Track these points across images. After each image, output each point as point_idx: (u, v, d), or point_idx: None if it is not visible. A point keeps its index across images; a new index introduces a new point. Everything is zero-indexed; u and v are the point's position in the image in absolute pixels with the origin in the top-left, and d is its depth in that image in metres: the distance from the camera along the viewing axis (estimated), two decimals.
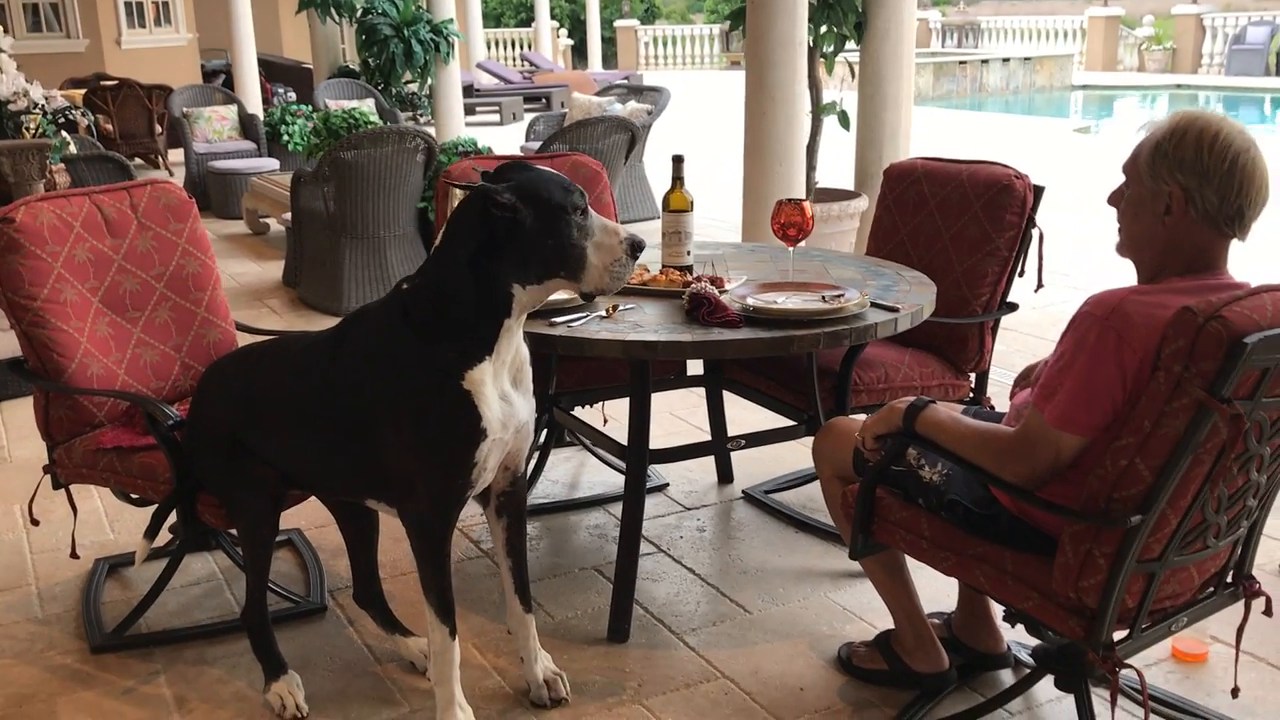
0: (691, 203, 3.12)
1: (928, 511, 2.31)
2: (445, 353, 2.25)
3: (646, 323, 2.75)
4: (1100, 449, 2.00)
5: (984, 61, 19.80)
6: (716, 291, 2.78)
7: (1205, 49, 21.69)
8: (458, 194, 3.07)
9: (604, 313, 2.80)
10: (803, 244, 3.14)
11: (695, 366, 3.70)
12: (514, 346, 2.36)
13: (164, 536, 2.97)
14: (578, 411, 3.65)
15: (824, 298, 2.80)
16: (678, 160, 3.13)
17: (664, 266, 3.14)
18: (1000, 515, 2.21)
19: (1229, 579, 2.27)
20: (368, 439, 2.38)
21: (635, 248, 2.27)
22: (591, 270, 2.25)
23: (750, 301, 2.78)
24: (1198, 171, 1.99)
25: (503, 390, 2.34)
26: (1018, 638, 2.64)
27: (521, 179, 2.25)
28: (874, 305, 2.81)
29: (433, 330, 2.26)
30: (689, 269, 3.14)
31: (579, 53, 26.08)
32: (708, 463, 3.93)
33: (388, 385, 2.31)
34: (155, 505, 2.77)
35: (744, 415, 3.81)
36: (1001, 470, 2.11)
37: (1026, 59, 20.38)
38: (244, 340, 3.16)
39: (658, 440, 3.88)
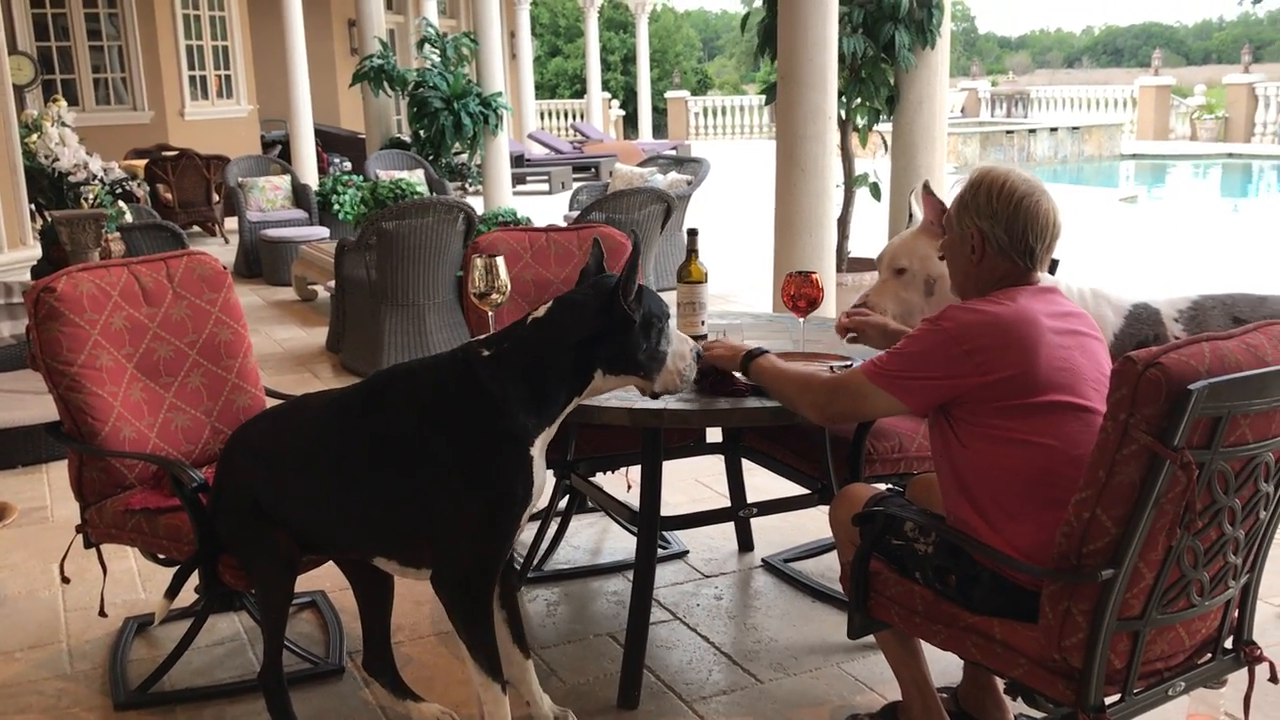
0: (706, 274, 3.19)
1: (922, 585, 2.34)
2: (525, 420, 2.41)
3: None
4: (1064, 504, 2.06)
5: (1031, 131, 19.84)
6: None
7: (1258, 118, 21.57)
8: (478, 264, 3.18)
9: None
10: (816, 314, 3.19)
11: (715, 434, 3.74)
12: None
13: (191, 597, 3.06)
14: (600, 478, 3.69)
15: (831, 368, 2.84)
16: (692, 234, 3.21)
17: None
18: (981, 574, 2.24)
19: (1228, 644, 2.27)
20: (403, 491, 2.46)
21: (699, 355, 2.58)
22: (666, 374, 2.49)
23: None
24: (989, 214, 2.32)
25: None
26: (1026, 710, 2.62)
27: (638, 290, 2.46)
28: None
29: (517, 397, 2.40)
30: (703, 338, 3.19)
31: (630, 123, 26.52)
32: (728, 530, 3.95)
33: (453, 444, 2.41)
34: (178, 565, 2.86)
35: (768, 483, 3.83)
36: (802, 402, 2.47)
37: (1074, 128, 20.38)
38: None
39: (682, 506, 3.89)
